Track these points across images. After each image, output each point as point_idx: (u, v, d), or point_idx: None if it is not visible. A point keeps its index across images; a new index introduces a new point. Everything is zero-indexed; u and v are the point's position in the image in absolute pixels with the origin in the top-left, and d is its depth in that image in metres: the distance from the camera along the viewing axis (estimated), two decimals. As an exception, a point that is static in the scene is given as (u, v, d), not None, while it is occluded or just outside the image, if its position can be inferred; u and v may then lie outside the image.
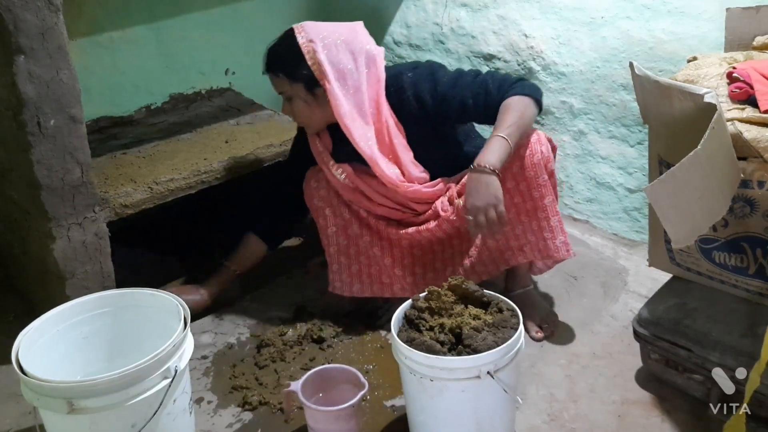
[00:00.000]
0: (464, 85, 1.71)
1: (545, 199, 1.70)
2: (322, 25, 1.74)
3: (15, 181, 1.78)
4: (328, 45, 1.70)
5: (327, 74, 1.68)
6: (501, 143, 1.58)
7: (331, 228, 1.87)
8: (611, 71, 2.14)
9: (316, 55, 1.68)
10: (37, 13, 1.49)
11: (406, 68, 1.80)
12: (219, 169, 1.98)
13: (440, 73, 1.75)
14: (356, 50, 1.72)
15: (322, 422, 1.46)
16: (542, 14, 2.26)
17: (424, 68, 1.78)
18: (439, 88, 1.72)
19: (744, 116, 1.41)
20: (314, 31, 1.71)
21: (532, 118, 1.66)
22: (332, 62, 1.69)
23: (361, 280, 1.89)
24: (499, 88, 1.68)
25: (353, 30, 1.76)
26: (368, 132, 1.73)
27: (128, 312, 1.55)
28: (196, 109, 2.46)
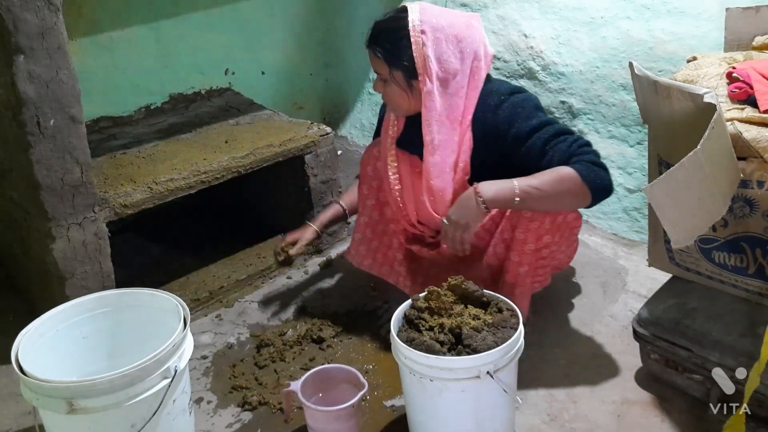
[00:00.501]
0: (540, 136, 1.59)
1: (520, 267, 1.66)
2: (438, 12, 1.63)
3: (15, 181, 1.78)
4: (438, 39, 1.59)
5: (430, 72, 1.60)
6: (515, 191, 1.52)
7: (371, 200, 1.85)
8: (611, 71, 2.14)
9: (425, 48, 1.58)
10: (37, 13, 1.49)
11: (503, 90, 1.67)
12: (219, 169, 1.98)
13: (526, 113, 1.62)
14: (466, 50, 1.62)
15: (322, 422, 1.46)
16: (542, 14, 2.26)
17: (517, 100, 1.65)
18: (515, 127, 1.61)
19: (744, 116, 1.41)
20: (428, 19, 1.59)
21: (565, 207, 1.58)
22: (439, 60, 1.60)
23: (375, 258, 1.90)
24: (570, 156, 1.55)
25: (469, 25, 1.64)
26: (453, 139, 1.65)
27: (128, 312, 1.55)
28: (195, 109, 2.46)
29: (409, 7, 1.62)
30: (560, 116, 2.31)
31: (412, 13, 1.61)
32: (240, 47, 2.62)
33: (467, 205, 1.57)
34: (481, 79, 1.66)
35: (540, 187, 1.53)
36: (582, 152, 1.55)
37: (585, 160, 1.53)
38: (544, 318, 1.91)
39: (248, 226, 2.42)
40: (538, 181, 1.53)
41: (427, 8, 1.63)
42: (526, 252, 1.65)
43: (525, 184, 1.53)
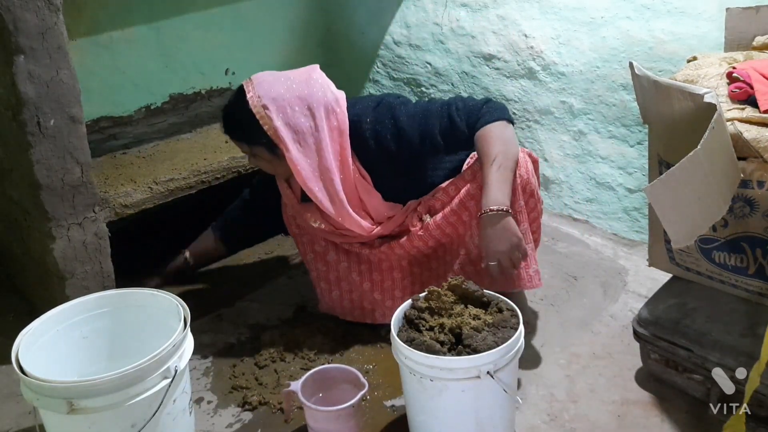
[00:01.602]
0: (429, 123, 1.66)
1: (520, 225, 1.66)
2: (275, 80, 1.67)
3: (15, 181, 1.78)
4: (282, 107, 1.63)
5: (284, 140, 1.64)
6: (498, 177, 1.55)
7: (309, 255, 1.87)
8: (611, 71, 2.14)
9: (272, 122, 1.63)
10: (37, 12, 1.49)
11: (365, 112, 1.72)
12: (219, 169, 1.98)
13: (402, 114, 1.69)
14: (314, 105, 1.65)
15: (322, 422, 1.46)
16: (542, 14, 2.26)
17: (385, 110, 1.71)
18: (402, 133, 1.68)
19: (744, 116, 1.41)
20: (266, 93, 1.64)
21: (513, 140, 1.62)
22: (288, 125, 1.64)
23: (342, 306, 1.88)
24: (468, 118, 1.64)
25: (308, 80, 1.68)
26: (336, 186, 1.69)
27: (128, 312, 1.55)
28: (196, 109, 2.46)
29: (245, 86, 1.67)
30: (560, 116, 2.32)
31: (248, 90, 1.65)
32: (240, 47, 2.62)
33: (500, 229, 1.53)
34: (341, 122, 1.68)
35: (496, 151, 1.57)
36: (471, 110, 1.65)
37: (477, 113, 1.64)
38: (544, 318, 1.91)
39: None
40: (489, 153, 1.58)
41: (263, 80, 1.67)
42: (518, 210, 1.66)
43: (497, 164, 1.56)
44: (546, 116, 2.36)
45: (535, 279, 1.71)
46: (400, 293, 1.84)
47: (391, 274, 1.84)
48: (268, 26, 2.70)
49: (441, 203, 1.73)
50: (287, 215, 1.88)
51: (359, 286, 1.85)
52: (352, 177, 1.72)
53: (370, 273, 1.85)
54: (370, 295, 1.85)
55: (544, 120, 2.37)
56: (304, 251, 1.89)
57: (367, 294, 1.85)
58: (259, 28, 2.67)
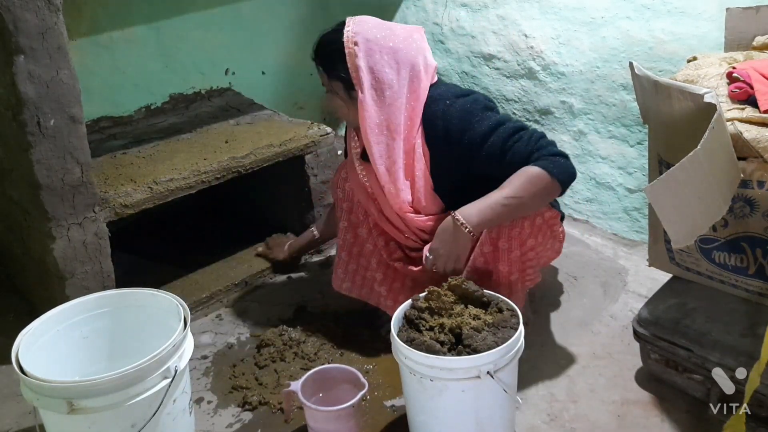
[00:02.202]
0: (497, 138, 1.58)
1: (511, 275, 1.65)
2: (377, 25, 1.66)
3: (15, 181, 1.78)
4: (371, 50, 1.62)
5: (362, 82, 1.62)
6: (494, 207, 1.53)
7: (343, 223, 1.86)
8: (611, 71, 2.14)
9: (356, 59, 1.61)
10: (37, 12, 1.49)
11: (449, 95, 1.66)
12: (219, 169, 1.98)
13: (479, 117, 1.61)
14: (402, 60, 1.62)
15: (322, 422, 1.46)
16: (542, 14, 2.26)
17: (465, 103, 1.64)
18: (471, 133, 1.60)
19: (744, 116, 1.41)
20: (363, 31, 1.63)
21: (542, 200, 1.56)
22: (372, 70, 1.62)
23: (353, 280, 1.88)
24: (531, 153, 1.55)
25: (408, 37, 1.65)
26: (396, 149, 1.65)
27: (128, 312, 1.55)
28: (196, 109, 2.46)
29: (347, 20, 1.67)
30: (560, 116, 2.32)
31: (348, 25, 1.65)
32: (240, 47, 2.62)
33: (452, 237, 1.57)
34: (422, 89, 1.65)
35: (515, 194, 1.52)
36: (540, 146, 1.55)
37: (545, 153, 1.54)
38: (544, 318, 1.91)
39: (248, 225, 2.42)
40: (511, 189, 1.53)
41: (365, 21, 1.66)
42: (513, 260, 1.63)
43: (501, 197, 1.53)
44: (546, 116, 2.36)
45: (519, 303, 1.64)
46: (404, 298, 1.79)
47: (403, 278, 1.83)
48: (268, 26, 2.70)
49: None
50: (338, 176, 1.86)
51: (374, 271, 1.84)
52: (413, 148, 1.67)
53: (386, 267, 1.84)
54: (381, 285, 1.85)
55: (544, 120, 2.37)
56: (340, 217, 1.87)
57: (384, 281, 1.85)
58: (259, 28, 2.67)
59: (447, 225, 1.58)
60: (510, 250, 1.62)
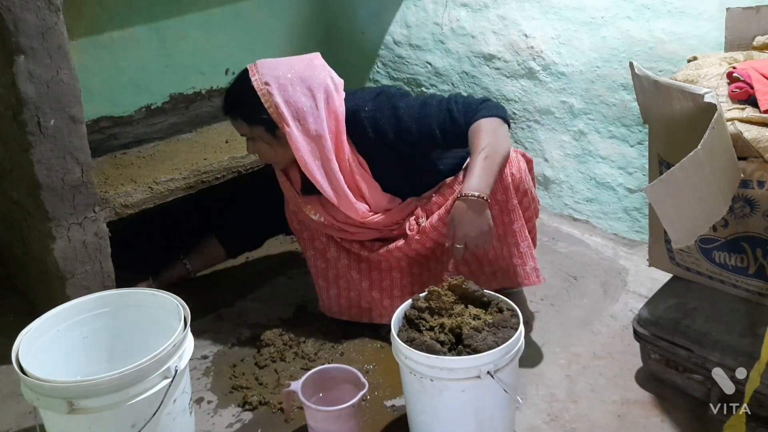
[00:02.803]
0: (428, 115, 1.67)
1: (514, 224, 1.69)
2: (278, 62, 1.70)
3: (15, 181, 1.78)
4: (283, 85, 1.65)
5: (285, 117, 1.65)
6: (483, 166, 1.56)
7: (309, 252, 1.87)
8: (611, 71, 2.14)
9: (272, 97, 1.64)
10: (37, 12, 1.49)
11: (364, 101, 1.73)
12: (219, 169, 1.98)
13: (402, 104, 1.70)
14: (314, 86, 1.67)
15: (322, 422, 1.46)
16: (542, 14, 2.26)
17: (384, 100, 1.72)
18: (401, 122, 1.68)
19: (744, 116, 1.41)
20: (269, 71, 1.66)
21: (505, 136, 1.63)
22: (289, 103, 1.65)
23: (339, 304, 1.88)
24: (465, 113, 1.64)
25: (310, 65, 1.71)
26: (333, 170, 1.70)
27: (128, 312, 1.55)
28: (196, 109, 2.46)
29: (248, 68, 1.69)
30: (560, 116, 2.32)
31: (251, 71, 1.68)
32: (240, 47, 2.62)
33: (474, 214, 1.55)
34: (339, 107, 1.69)
35: (485, 145, 1.57)
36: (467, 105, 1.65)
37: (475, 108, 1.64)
38: (544, 318, 1.91)
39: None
40: (480, 144, 1.58)
41: (266, 63, 1.69)
42: (511, 209, 1.68)
43: (479, 157, 1.56)
44: (546, 116, 2.36)
45: (532, 276, 1.72)
46: (399, 292, 1.84)
47: (389, 273, 1.84)
48: (268, 26, 2.70)
49: (437, 206, 1.73)
50: (288, 210, 1.87)
51: (358, 284, 1.85)
52: (348, 163, 1.72)
53: (369, 272, 1.85)
54: (369, 294, 1.84)
55: (544, 120, 2.37)
56: (305, 247, 1.89)
57: (366, 292, 1.85)
58: (259, 28, 2.67)
59: (461, 209, 1.56)
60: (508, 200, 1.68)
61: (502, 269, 1.75)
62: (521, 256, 1.71)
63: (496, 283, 1.78)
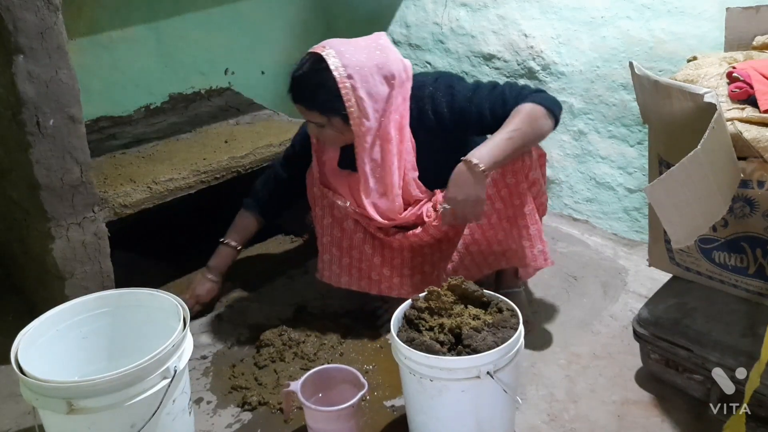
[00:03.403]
0: (481, 97, 1.67)
1: (525, 207, 1.69)
2: (352, 48, 1.65)
3: (15, 181, 1.78)
4: (365, 77, 1.62)
5: (367, 111, 1.63)
6: (500, 143, 1.56)
7: (327, 219, 1.86)
8: (611, 71, 2.14)
9: (356, 92, 1.61)
10: (37, 12, 1.49)
11: (427, 81, 1.74)
12: (218, 169, 1.98)
13: (458, 86, 1.71)
14: (387, 73, 1.65)
15: (322, 422, 1.46)
16: (542, 14, 2.26)
17: (444, 81, 1.73)
18: (456, 101, 1.68)
19: (744, 116, 1.41)
20: (349, 62, 1.62)
21: (542, 129, 1.61)
22: (370, 94, 1.63)
23: (350, 274, 1.89)
24: (517, 97, 1.64)
25: (383, 49, 1.67)
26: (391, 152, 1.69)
27: (128, 312, 1.55)
28: (195, 108, 2.46)
29: (324, 55, 1.63)
30: (560, 116, 2.31)
31: (330, 60, 1.62)
32: (240, 47, 2.62)
33: (468, 180, 1.56)
34: (407, 90, 1.69)
35: (516, 127, 1.57)
36: (521, 90, 1.66)
37: (527, 92, 1.64)
38: (544, 318, 1.91)
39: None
40: (511, 124, 1.58)
41: (341, 48, 1.64)
42: (522, 192, 1.67)
43: (504, 133, 1.57)
44: (546, 116, 2.35)
45: (540, 258, 1.72)
46: (409, 271, 1.86)
47: (401, 252, 1.86)
48: (268, 26, 2.70)
49: None
50: (312, 176, 1.86)
51: (370, 258, 1.85)
52: (404, 142, 1.71)
53: (382, 249, 1.85)
54: (380, 269, 1.86)
55: (544, 120, 2.36)
56: (322, 215, 1.86)
57: (377, 267, 1.86)
58: (259, 28, 2.67)
59: (460, 170, 1.56)
60: (517, 184, 1.66)
61: (512, 249, 1.75)
62: (530, 238, 1.72)
63: (505, 262, 1.78)
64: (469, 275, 1.81)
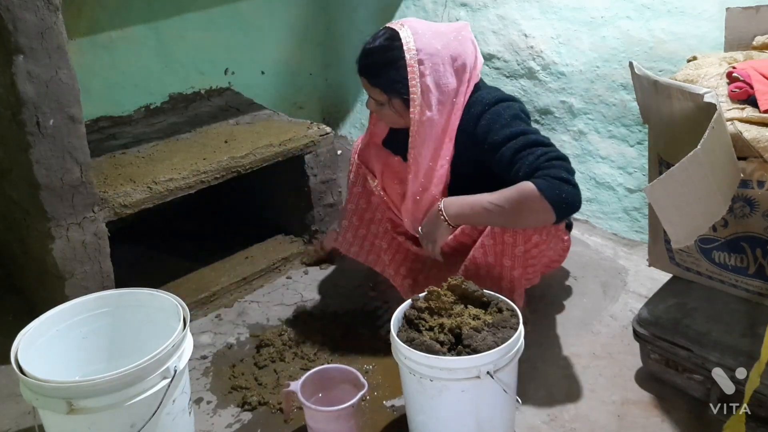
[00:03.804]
0: (507, 152, 1.56)
1: (514, 270, 1.64)
2: (429, 33, 1.58)
3: (15, 181, 1.78)
4: (436, 65, 1.56)
5: (431, 101, 1.58)
6: (474, 205, 1.57)
7: (358, 188, 1.89)
8: (611, 71, 2.14)
9: (424, 78, 1.56)
10: (36, 12, 1.49)
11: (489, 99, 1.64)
12: (219, 168, 1.98)
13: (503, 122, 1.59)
14: (459, 67, 1.59)
15: (322, 422, 1.46)
16: (542, 14, 2.26)
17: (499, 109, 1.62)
18: (490, 137, 1.59)
19: (744, 116, 1.41)
20: (423, 47, 1.56)
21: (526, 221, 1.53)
22: (438, 85, 1.58)
23: (362, 245, 1.92)
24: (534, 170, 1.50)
25: (458, 37, 1.60)
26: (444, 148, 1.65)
27: (128, 312, 1.55)
28: (195, 108, 2.46)
29: (400, 33, 1.58)
30: (560, 116, 2.31)
31: (406, 40, 1.57)
32: (240, 47, 2.62)
33: (434, 222, 1.66)
34: (470, 90, 1.64)
35: (499, 203, 1.52)
36: (549, 166, 1.49)
37: (550, 174, 1.47)
38: (545, 318, 1.91)
39: (248, 225, 2.42)
40: (498, 197, 1.52)
41: (418, 30, 1.58)
42: (517, 255, 1.63)
43: (486, 201, 1.55)
44: (546, 116, 2.36)
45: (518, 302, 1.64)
46: (405, 272, 1.90)
47: (405, 250, 1.90)
48: (268, 26, 2.70)
49: None
50: (356, 144, 1.89)
51: (382, 238, 1.89)
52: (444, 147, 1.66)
53: (392, 237, 1.89)
54: (386, 251, 1.90)
55: (544, 120, 2.37)
56: (355, 182, 1.89)
57: (389, 250, 1.90)
58: (259, 28, 2.67)
59: (432, 211, 1.67)
60: (515, 245, 1.61)
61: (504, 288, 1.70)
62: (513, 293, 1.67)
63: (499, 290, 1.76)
64: None
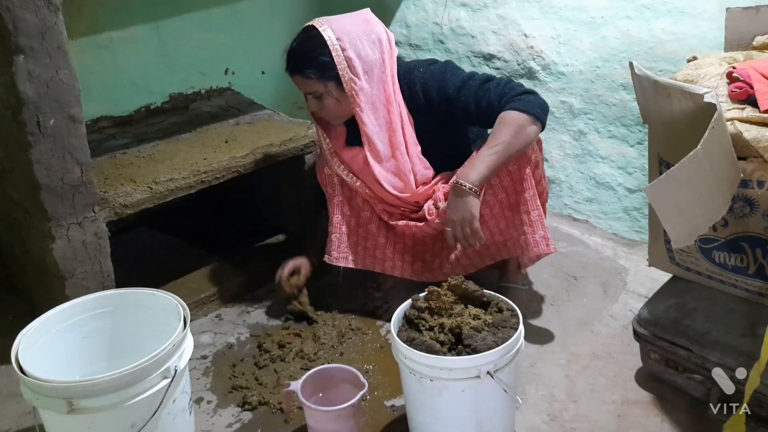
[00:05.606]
0: (469, 89, 1.71)
1: (526, 192, 1.72)
2: (339, 19, 1.75)
3: (15, 181, 1.78)
4: (354, 40, 1.71)
5: (357, 70, 1.71)
6: (486, 160, 1.62)
7: (338, 197, 1.90)
8: (611, 71, 2.14)
9: (346, 52, 1.70)
10: (37, 12, 1.49)
11: (420, 64, 1.81)
12: (219, 168, 1.98)
13: (451, 74, 1.75)
14: (375, 40, 1.74)
15: (322, 422, 1.46)
16: (542, 14, 2.26)
17: (438, 66, 1.79)
18: (446, 89, 1.73)
19: (744, 116, 1.41)
20: (339, 28, 1.71)
21: (527, 137, 1.65)
22: (359, 56, 1.71)
23: (356, 252, 1.92)
24: (501, 97, 1.67)
25: (367, 20, 1.77)
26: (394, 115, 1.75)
27: (128, 312, 1.55)
28: (195, 108, 2.46)
29: (316, 25, 1.74)
30: (560, 116, 2.31)
31: (320, 27, 1.73)
32: (240, 47, 2.61)
33: (459, 201, 1.65)
34: (393, 59, 1.77)
35: (498, 141, 1.62)
36: (509, 90, 1.68)
37: (514, 94, 1.66)
38: (544, 318, 1.91)
39: (248, 225, 2.42)
40: (495, 139, 1.63)
41: (331, 19, 1.75)
42: (524, 178, 1.71)
43: (488, 149, 1.63)
44: (546, 116, 2.35)
45: (542, 244, 1.74)
46: (410, 257, 1.92)
47: (404, 238, 1.91)
48: (268, 26, 2.70)
49: None
50: (320, 159, 1.93)
51: (375, 236, 1.91)
52: (399, 116, 1.77)
53: (386, 230, 1.91)
54: (384, 248, 1.91)
55: (544, 120, 2.36)
56: (333, 194, 1.91)
57: (381, 246, 1.91)
58: (259, 28, 2.67)
59: (453, 195, 1.66)
60: (520, 170, 1.71)
61: (513, 238, 1.79)
62: (531, 224, 1.74)
63: (507, 252, 1.84)
64: (472, 264, 1.88)
